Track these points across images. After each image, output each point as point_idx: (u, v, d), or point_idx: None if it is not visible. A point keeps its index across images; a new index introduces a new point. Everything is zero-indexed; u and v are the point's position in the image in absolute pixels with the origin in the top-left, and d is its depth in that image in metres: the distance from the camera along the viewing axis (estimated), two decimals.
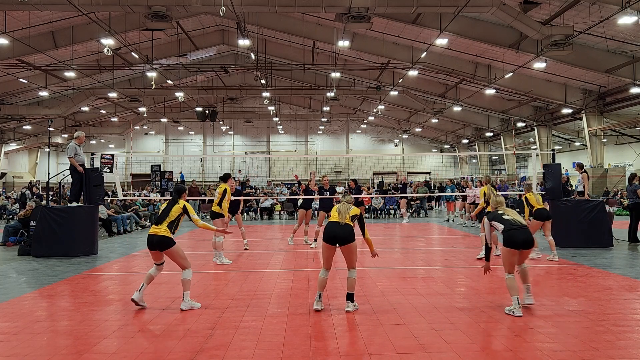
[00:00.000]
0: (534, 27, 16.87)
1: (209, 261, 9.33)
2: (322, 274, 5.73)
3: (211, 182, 37.81)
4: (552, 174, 11.19)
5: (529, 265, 6.79)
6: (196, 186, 22.26)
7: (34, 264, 9.13)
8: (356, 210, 5.89)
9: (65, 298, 6.51)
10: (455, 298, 6.20)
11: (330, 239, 5.64)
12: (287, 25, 23.17)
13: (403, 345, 4.43)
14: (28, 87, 27.36)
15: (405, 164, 45.06)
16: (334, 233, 5.63)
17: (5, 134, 37.10)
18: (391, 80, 28.14)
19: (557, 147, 35.33)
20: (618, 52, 20.46)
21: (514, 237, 5.52)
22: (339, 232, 5.62)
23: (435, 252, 10.49)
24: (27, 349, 4.44)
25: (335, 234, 5.62)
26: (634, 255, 9.68)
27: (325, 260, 5.73)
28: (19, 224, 12.51)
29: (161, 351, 4.36)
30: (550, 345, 4.39)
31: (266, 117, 40.20)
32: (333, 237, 5.63)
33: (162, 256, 5.91)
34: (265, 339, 4.66)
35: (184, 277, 5.79)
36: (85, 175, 10.54)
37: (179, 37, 25.35)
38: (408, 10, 16.66)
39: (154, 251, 5.83)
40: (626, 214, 15.77)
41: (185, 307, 5.71)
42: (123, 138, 44.20)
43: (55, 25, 21.46)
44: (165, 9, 16.22)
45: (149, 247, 5.82)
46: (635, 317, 5.32)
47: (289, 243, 11.79)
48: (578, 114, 27.17)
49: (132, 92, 29.30)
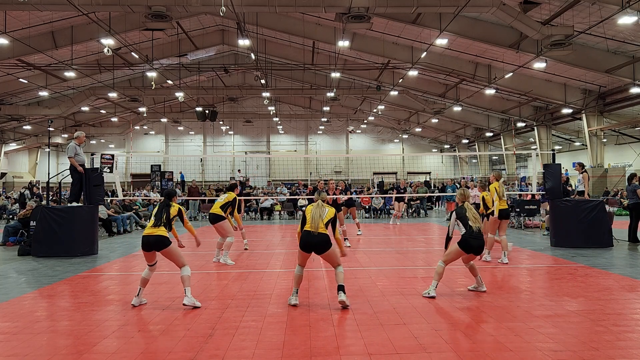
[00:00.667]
0: (534, 27, 16.87)
1: (208, 261, 9.33)
2: (298, 271, 5.96)
3: (211, 182, 37.85)
4: (552, 174, 11.19)
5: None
6: (196, 186, 22.25)
7: (34, 264, 9.13)
8: (331, 214, 5.90)
9: (65, 298, 6.51)
10: (455, 298, 6.20)
11: (306, 247, 5.76)
12: (287, 25, 23.17)
13: (403, 345, 4.43)
14: (28, 87, 27.37)
15: (405, 164, 45.07)
16: (309, 242, 5.71)
17: (5, 134, 37.10)
18: (391, 80, 28.15)
19: (557, 147, 35.35)
20: (618, 52, 20.46)
21: (469, 244, 6.08)
22: (314, 241, 5.69)
23: (435, 252, 10.49)
24: (27, 349, 4.44)
25: (310, 243, 5.71)
26: (634, 255, 9.68)
27: (300, 261, 5.95)
28: (19, 224, 12.51)
29: (161, 351, 4.36)
30: (550, 345, 4.39)
31: (266, 117, 40.20)
32: (308, 246, 5.73)
33: (155, 257, 6.01)
34: (265, 339, 4.65)
35: (183, 274, 5.86)
36: (85, 175, 10.55)
37: (179, 37, 25.36)
38: (408, 10, 16.66)
39: (150, 252, 5.91)
40: (626, 214, 15.77)
41: (188, 303, 5.75)
42: (123, 138, 44.20)
43: (55, 25, 21.46)
44: (165, 9, 16.23)
45: (145, 249, 5.89)
46: (635, 317, 5.32)
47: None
48: (578, 114, 27.18)
49: (132, 92, 29.31)
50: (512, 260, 9.28)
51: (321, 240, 5.67)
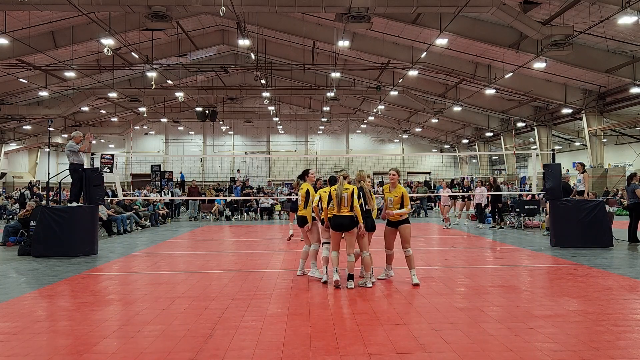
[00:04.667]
0: (534, 27, 16.87)
1: (209, 261, 9.33)
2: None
3: (211, 182, 37.85)
4: (552, 174, 11.18)
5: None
6: (196, 186, 22.26)
7: (34, 264, 9.13)
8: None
9: (65, 298, 6.51)
10: (455, 298, 6.20)
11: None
12: (287, 25, 23.17)
13: (403, 345, 4.43)
14: (28, 87, 27.37)
15: (405, 164, 45.07)
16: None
17: (5, 134, 37.10)
18: (391, 80, 28.14)
19: (557, 147, 35.35)
20: (618, 52, 20.46)
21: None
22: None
23: (435, 252, 10.50)
24: (27, 349, 4.44)
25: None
26: (634, 255, 9.68)
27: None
28: (19, 224, 12.51)
29: (161, 351, 4.36)
30: (550, 345, 4.40)
31: (266, 117, 40.20)
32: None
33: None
34: (265, 339, 4.66)
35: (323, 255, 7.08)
36: (85, 175, 10.56)
37: (179, 37, 25.36)
38: (408, 10, 16.66)
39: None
40: (626, 214, 15.77)
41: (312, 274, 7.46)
42: (123, 138, 44.19)
43: (55, 25, 21.46)
44: (165, 9, 16.22)
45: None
46: (635, 317, 5.32)
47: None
48: (578, 114, 27.17)
49: (132, 92, 29.30)
50: (512, 260, 9.29)
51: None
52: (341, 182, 6.79)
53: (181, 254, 10.49)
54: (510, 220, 16.20)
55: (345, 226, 6.66)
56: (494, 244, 11.84)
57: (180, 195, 23.24)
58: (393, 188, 7.22)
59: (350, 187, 6.75)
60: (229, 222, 19.65)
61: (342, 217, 6.64)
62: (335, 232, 6.77)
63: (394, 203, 7.16)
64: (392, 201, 7.17)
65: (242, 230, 15.60)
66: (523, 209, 15.48)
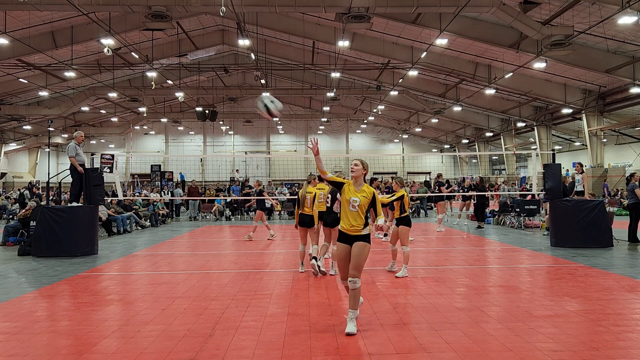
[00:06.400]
0: (534, 27, 16.87)
1: (209, 261, 9.33)
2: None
3: (211, 182, 37.84)
4: (552, 174, 11.18)
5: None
6: (196, 186, 22.25)
7: (34, 264, 9.12)
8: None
9: (65, 298, 6.51)
10: (455, 298, 6.20)
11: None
12: (287, 25, 23.17)
13: (403, 346, 4.43)
14: (28, 87, 27.37)
15: (405, 164, 45.08)
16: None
17: (5, 134, 37.10)
18: (391, 80, 28.15)
19: (557, 147, 35.36)
20: (618, 52, 20.46)
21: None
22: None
23: (435, 252, 10.49)
24: (27, 349, 4.44)
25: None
26: (634, 255, 9.68)
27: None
28: (19, 224, 12.51)
29: (161, 351, 4.36)
30: (550, 345, 4.39)
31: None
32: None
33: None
34: (265, 339, 4.65)
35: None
36: (85, 175, 10.55)
37: (179, 37, 25.36)
38: (408, 10, 16.66)
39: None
40: (626, 214, 15.77)
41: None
42: (123, 138, 44.21)
43: (55, 25, 21.46)
44: (165, 9, 16.23)
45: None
46: (635, 317, 5.32)
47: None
48: (578, 114, 27.17)
49: (132, 92, 29.31)
50: (512, 260, 9.29)
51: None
52: (305, 185, 7.99)
53: (181, 254, 10.49)
54: (511, 220, 16.19)
55: (307, 223, 7.82)
56: (495, 244, 11.83)
57: (182, 195, 23.24)
58: (358, 186, 5.06)
59: (313, 191, 7.79)
60: (229, 222, 19.65)
61: (305, 215, 7.86)
62: (301, 227, 7.93)
63: (360, 207, 4.87)
64: (356, 204, 4.87)
65: (242, 231, 15.60)
66: (523, 209, 15.47)
